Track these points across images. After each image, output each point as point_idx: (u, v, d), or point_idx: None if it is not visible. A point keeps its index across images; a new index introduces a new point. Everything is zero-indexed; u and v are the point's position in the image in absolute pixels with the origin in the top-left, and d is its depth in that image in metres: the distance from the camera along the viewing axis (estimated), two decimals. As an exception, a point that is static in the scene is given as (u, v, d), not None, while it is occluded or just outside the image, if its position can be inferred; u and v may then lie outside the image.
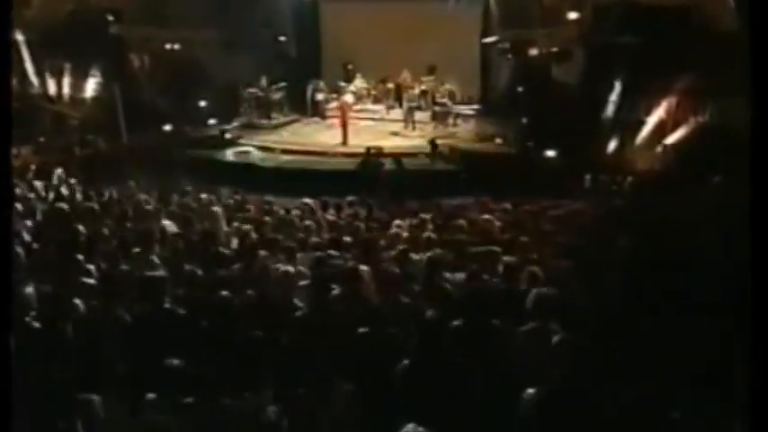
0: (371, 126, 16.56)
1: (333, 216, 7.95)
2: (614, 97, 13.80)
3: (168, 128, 14.98)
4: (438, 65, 16.99)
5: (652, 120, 13.24)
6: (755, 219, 2.73)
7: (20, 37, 13.61)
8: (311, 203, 8.29)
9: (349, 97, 15.92)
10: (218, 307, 4.25)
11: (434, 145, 13.97)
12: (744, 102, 3.14)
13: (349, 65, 18.09)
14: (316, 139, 15.49)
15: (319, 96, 17.44)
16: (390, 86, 17.53)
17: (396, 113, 16.86)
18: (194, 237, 6.48)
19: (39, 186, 10.00)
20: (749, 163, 2.84)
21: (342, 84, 17.53)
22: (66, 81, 14.73)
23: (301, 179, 12.72)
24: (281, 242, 6.02)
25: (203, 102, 15.95)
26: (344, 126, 15.06)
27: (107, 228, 6.89)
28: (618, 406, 3.17)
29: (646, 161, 13.13)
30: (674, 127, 12.97)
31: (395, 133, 15.86)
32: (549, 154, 13.60)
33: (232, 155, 14.52)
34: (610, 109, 13.89)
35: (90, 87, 14.94)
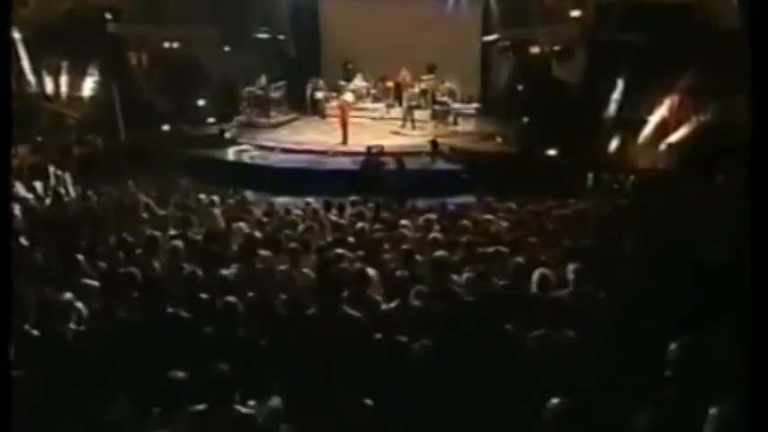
0: (371, 125, 16.47)
1: (335, 216, 7.83)
2: (616, 96, 13.73)
3: (167, 127, 14.88)
4: (438, 63, 16.90)
5: (654, 118, 13.18)
6: (755, 218, 2.70)
7: (17, 35, 13.46)
8: (313, 203, 8.19)
9: (349, 96, 15.83)
10: (221, 310, 4.15)
11: (435, 144, 13.89)
12: (746, 100, 3.09)
13: (349, 63, 18.00)
14: (315, 139, 15.40)
15: (319, 95, 17.36)
16: (390, 85, 17.44)
17: (396, 112, 16.75)
18: (195, 238, 6.37)
19: (37, 186, 9.88)
20: (749, 162, 2.82)
21: (341, 82, 17.44)
22: (63, 80, 14.59)
23: (302, 178, 12.64)
24: (284, 243, 5.90)
25: (202, 101, 15.87)
26: (344, 125, 14.96)
27: (107, 228, 6.79)
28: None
29: (648, 160, 13.08)
30: (677, 125, 12.91)
31: (395, 132, 15.78)
32: (551, 153, 13.53)
33: (231, 154, 14.41)
34: (612, 107, 13.82)
35: (88, 86, 14.81)
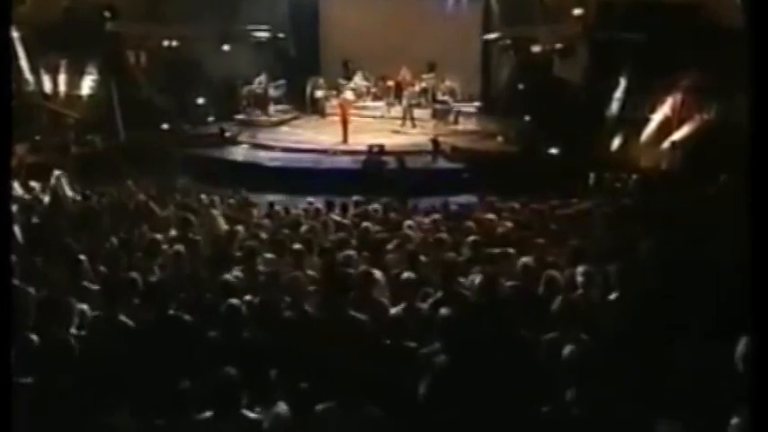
0: (371, 123, 16.38)
1: (339, 216, 7.74)
2: (618, 94, 13.68)
3: (166, 126, 14.78)
4: (438, 62, 16.82)
5: (657, 117, 13.14)
6: (755, 218, 2.66)
7: (14, 33, 13.33)
8: (315, 203, 8.11)
9: (349, 95, 15.75)
10: (225, 314, 4.05)
11: (436, 143, 13.82)
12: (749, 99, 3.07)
13: (348, 62, 17.91)
14: (316, 137, 15.31)
15: (319, 94, 17.26)
16: (390, 84, 17.35)
17: (397, 111, 16.66)
18: (196, 239, 6.28)
19: (35, 186, 9.78)
20: (749, 161, 2.78)
21: (341, 81, 17.34)
22: (62, 78, 14.47)
23: (302, 177, 12.55)
24: (287, 245, 5.80)
25: (202, 99, 15.78)
26: (345, 124, 14.87)
27: (107, 229, 6.70)
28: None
29: (650, 159, 13.02)
30: (680, 125, 12.87)
31: (396, 131, 15.69)
32: (552, 152, 13.46)
33: (231, 153, 14.32)
34: (614, 106, 13.77)
35: (86, 85, 14.69)
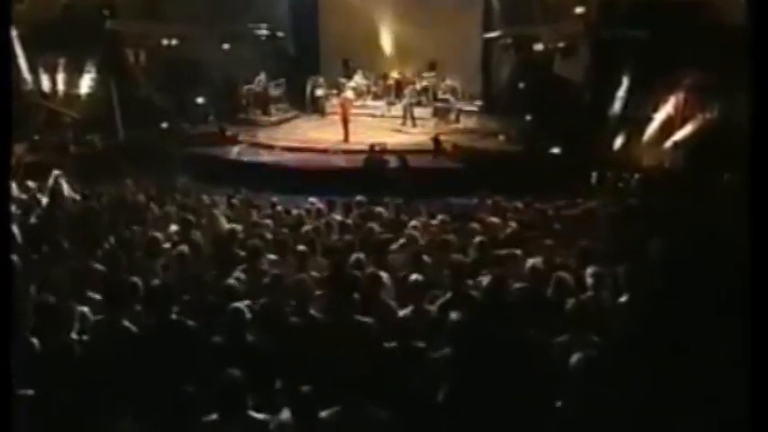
0: (372, 122, 16.31)
1: (341, 216, 7.66)
2: (620, 93, 13.61)
3: (166, 125, 14.70)
4: (439, 61, 16.78)
5: (660, 116, 13.07)
6: (755, 218, 2.66)
7: (13, 32, 13.23)
8: (317, 203, 8.02)
9: (350, 93, 15.69)
10: (228, 316, 3.97)
11: (437, 142, 13.75)
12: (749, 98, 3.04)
13: (349, 60, 17.84)
14: (316, 136, 15.23)
15: (319, 92, 17.20)
16: (391, 83, 17.27)
17: (397, 110, 16.59)
18: (198, 241, 6.18)
19: (33, 186, 9.68)
20: (749, 161, 2.79)
21: (342, 80, 17.27)
22: (60, 77, 14.36)
23: (303, 176, 12.48)
24: (291, 245, 5.72)
25: (201, 98, 15.69)
26: (345, 123, 14.80)
27: (107, 230, 6.61)
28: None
29: (653, 158, 12.96)
30: (682, 123, 12.80)
31: (397, 130, 15.62)
32: (554, 151, 13.39)
33: (231, 152, 14.23)
34: (616, 105, 13.72)
35: (85, 84, 14.58)
